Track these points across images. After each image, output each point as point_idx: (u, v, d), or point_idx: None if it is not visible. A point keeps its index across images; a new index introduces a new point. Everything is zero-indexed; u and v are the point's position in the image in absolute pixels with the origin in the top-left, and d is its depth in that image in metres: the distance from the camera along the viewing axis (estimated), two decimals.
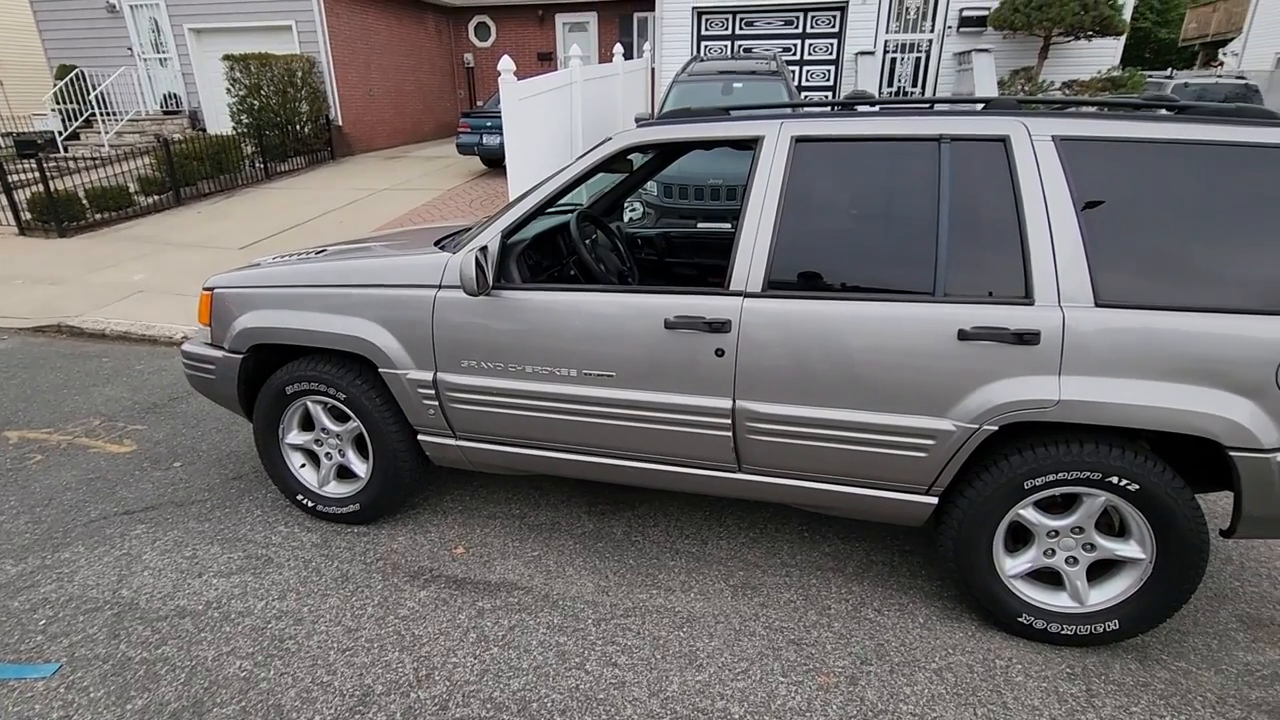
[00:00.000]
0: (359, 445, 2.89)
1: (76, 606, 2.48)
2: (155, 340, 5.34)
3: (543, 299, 2.45)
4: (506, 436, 2.64)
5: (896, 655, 2.28)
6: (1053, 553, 2.26)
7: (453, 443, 2.72)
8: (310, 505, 2.96)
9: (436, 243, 2.87)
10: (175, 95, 13.50)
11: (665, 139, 2.49)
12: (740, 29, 12.77)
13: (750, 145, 2.36)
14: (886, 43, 12.04)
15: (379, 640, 2.33)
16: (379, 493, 2.84)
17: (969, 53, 11.18)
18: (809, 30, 12.54)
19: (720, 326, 2.24)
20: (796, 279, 2.24)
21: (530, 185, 2.68)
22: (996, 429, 2.08)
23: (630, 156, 2.70)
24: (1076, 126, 2.08)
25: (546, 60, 16.83)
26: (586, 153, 2.57)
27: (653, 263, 3.71)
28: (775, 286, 2.23)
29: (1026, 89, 10.74)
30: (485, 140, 10.67)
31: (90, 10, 13.11)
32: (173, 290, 6.31)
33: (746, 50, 12.55)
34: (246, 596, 2.53)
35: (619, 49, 11.00)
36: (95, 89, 12.51)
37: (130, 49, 13.22)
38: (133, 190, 9.24)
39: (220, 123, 12.45)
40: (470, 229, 2.85)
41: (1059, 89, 10.70)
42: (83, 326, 5.53)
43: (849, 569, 2.71)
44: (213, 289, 2.91)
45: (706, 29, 12.85)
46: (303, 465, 2.98)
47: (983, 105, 2.26)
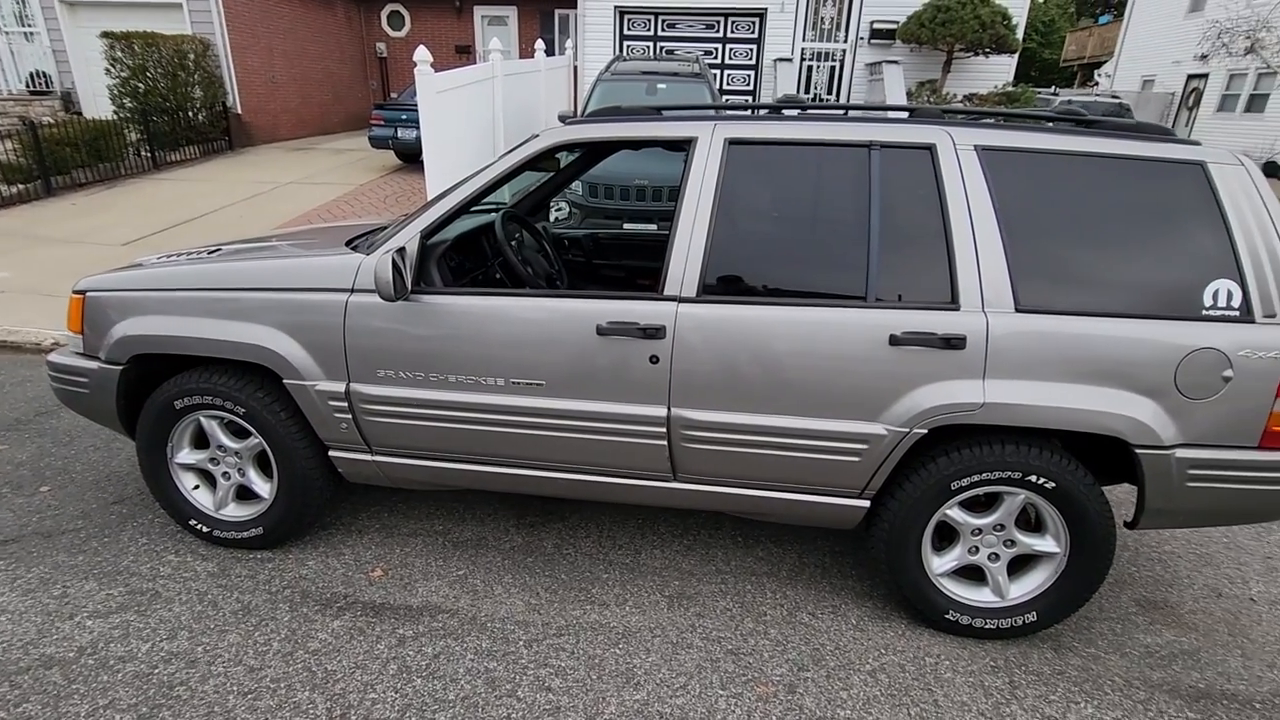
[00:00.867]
0: (261, 463, 2.64)
1: None
2: (20, 347, 4.75)
3: (466, 304, 2.30)
4: (428, 450, 2.47)
5: (832, 659, 2.28)
6: (976, 550, 2.33)
7: (368, 458, 2.52)
8: (205, 531, 2.68)
9: (348, 243, 2.66)
10: (45, 74, 12.18)
11: (595, 137, 2.41)
12: (663, 30, 12.82)
13: (683, 146, 2.30)
14: (804, 50, 12.41)
15: (286, 679, 2.12)
16: (285, 514, 2.60)
17: (880, 63, 11.68)
18: (730, 35, 12.75)
19: (654, 332, 2.17)
20: (731, 283, 2.21)
21: (449, 182, 2.52)
22: (926, 432, 2.12)
23: (557, 155, 2.59)
24: (997, 137, 2.14)
25: (465, 53, 16.34)
26: (512, 150, 2.44)
27: (580, 265, 3.61)
28: (710, 291, 2.19)
29: (932, 100, 11.33)
30: (400, 134, 10.21)
31: None
32: (41, 290, 5.65)
33: (669, 52, 12.62)
34: (129, 639, 2.25)
35: (540, 45, 10.80)
36: None
37: None
38: None
39: (99, 106, 11.31)
40: (386, 228, 2.65)
41: (961, 101, 11.35)
42: None
43: (783, 573, 2.71)
44: (85, 292, 2.58)
45: (629, 28, 12.83)
46: (196, 487, 2.69)
47: (909, 113, 2.29)
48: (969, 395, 2.07)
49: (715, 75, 12.56)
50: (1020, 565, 2.35)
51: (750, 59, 12.81)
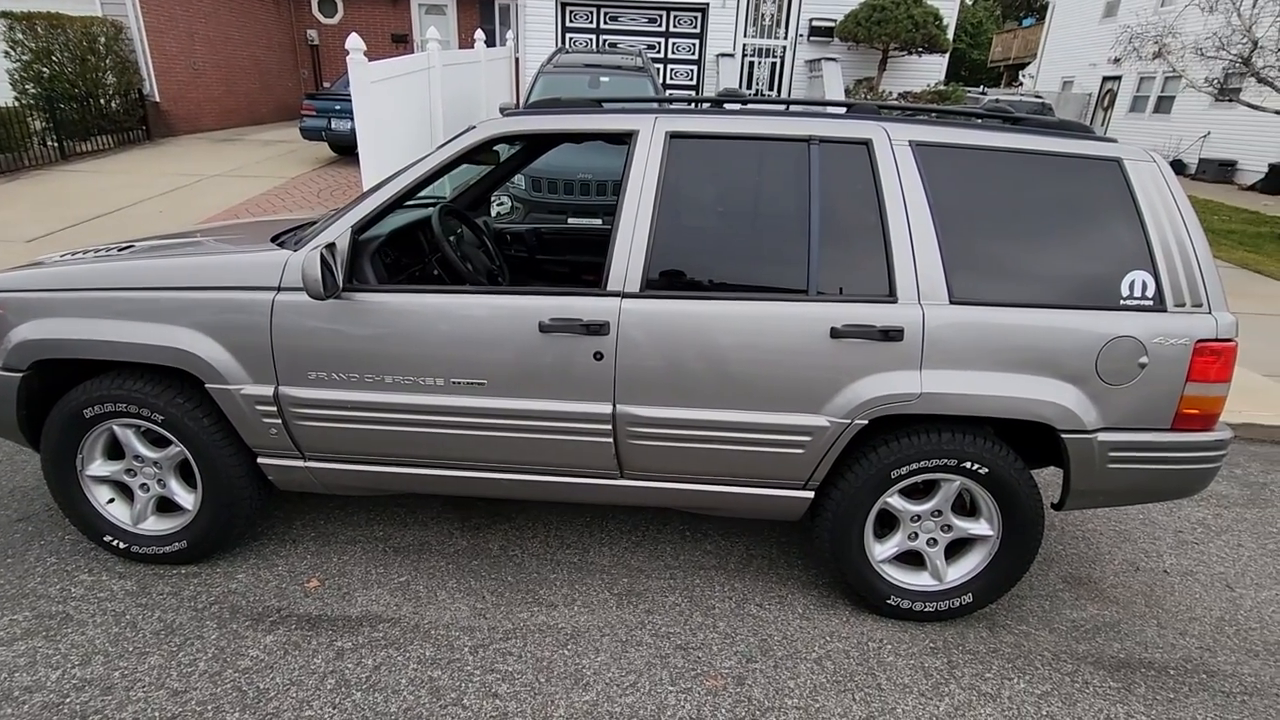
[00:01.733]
0: (184, 473, 2.48)
1: None
2: None
3: (403, 301, 2.22)
4: (365, 454, 2.37)
5: (779, 649, 2.31)
6: (916, 536, 2.39)
7: (301, 464, 2.41)
8: (123, 547, 2.50)
9: (274, 238, 2.53)
10: None
11: (535, 129, 2.35)
12: (605, 23, 12.73)
13: (624, 140, 2.27)
14: (745, 46, 12.53)
15: (214, 701, 2.00)
16: (211, 526, 2.46)
17: (819, 60, 11.91)
18: (672, 29, 12.76)
19: (598, 329, 2.14)
20: (675, 278, 2.20)
21: (386, 175, 2.42)
22: (867, 423, 2.16)
23: (496, 148, 2.52)
24: (930, 133, 2.20)
25: (402, 43, 15.84)
26: (449, 141, 2.36)
27: (523, 260, 3.54)
28: (654, 286, 2.17)
29: (868, 97, 11.63)
30: (334, 125, 9.83)
31: None
32: None
33: (612, 45, 12.55)
34: (36, 666, 2.08)
35: (480, 36, 10.55)
36: None
37: None
38: None
39: None
40: (315, 223, 2.53)
41: (896, 98, 11.69)
42: None
43: (730, 565, 2.72)
44: None
45: (571, 20, 12.68)
46: (110, 500, 2.52)
47: (846, 109, 2.33)
48: (907, 386, 2.12)
49: (658, 70, 12.56)
50: (956, 549, 2.43)
51: (693, 54, 12.86)
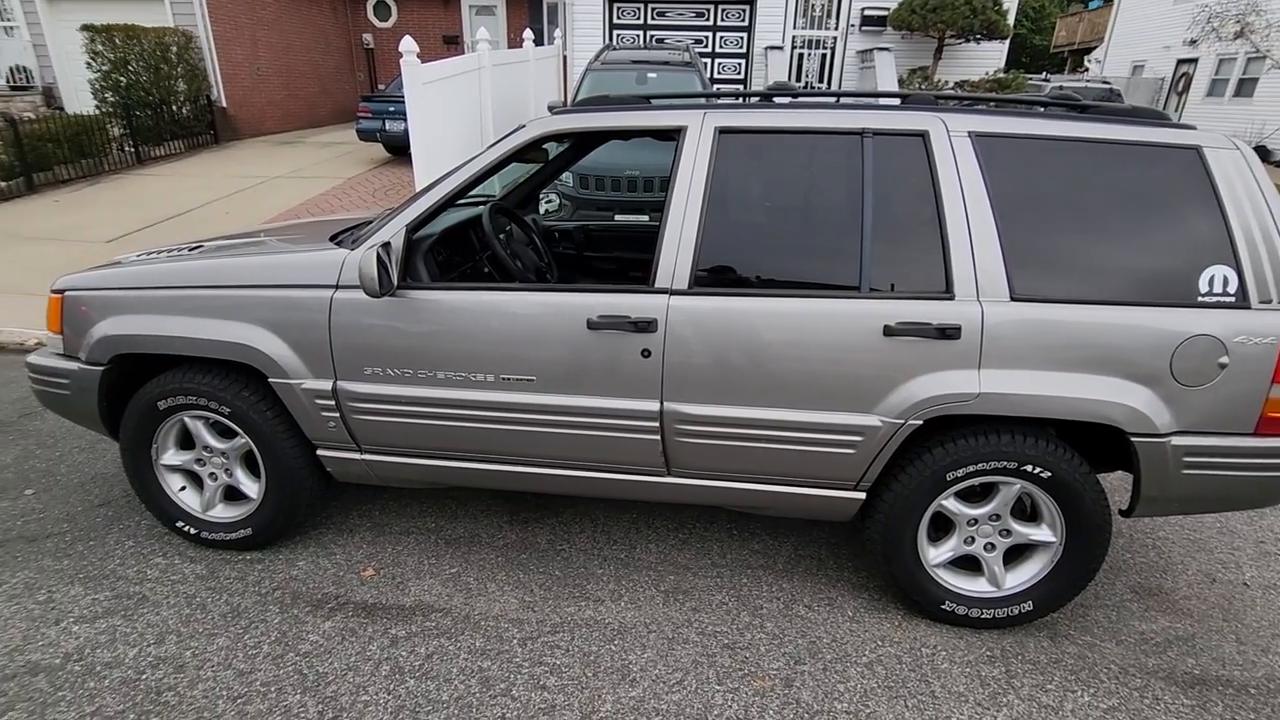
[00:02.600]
0: (249, 463, 2.60)
1: None
2: (1, 348, 4.67)
3: (454, 299, 2.26)
4: (418, 448, 2.44)
5: (829, 652, 2.27)
6: (972, 540, 2.31)
7: (357, 457, 2.48)
8: (193, 532, 2.64)
9: (333, 238, 2.61)
10: (25, 69, 11.98)
11: (583, 127, 2.36)
12: (652, 19, 12.71)
13: (672, 136, 2.26)
14: (794, 38, 12.32)
15: (277, 683, 2.09)
16: (273, 515, 2.56)
17: (871, 51, 11.62)
18: (720, 23, 12.64)
19: (646, 326, 2.14)
20: (723, 275, 2.18)
21: (438, 174, 2.47)
22: (921, 423, 2.09)
23: (545, 146, 2.54)
24: (990, 123, 2.11)
25: (453, 44, 16.15)
26: (499, 140, 2.39)
27: (571, 257, 3.56)
28: (702, 283, 2.15)
29: (924, 87, 11.29)
30: (388, 126, 10.09)
31: None
32: (23, 289, 5.56)
33: (659, 40, 12.52)
34: (115, 644, 2.21)
35: (529, 35, 10.68)
36: None
37: None
38: None
39: (81, 101, 11.13)
40: (371, 222, 2.61)
41: (952, 88, 11.31)
42: None
43: (779, 565, 2.69)
44: (64, 291, 2.52)
45: (618, 17, 12.70)
46: (182, 488, 2.65)
47: (901, 100, 2.26)
48: (964, 385, 2.04)
49: (706, 64, 12.47)
50: (1016, 554, 2.34)
51: (741, 47, 12.72)
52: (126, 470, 2.60)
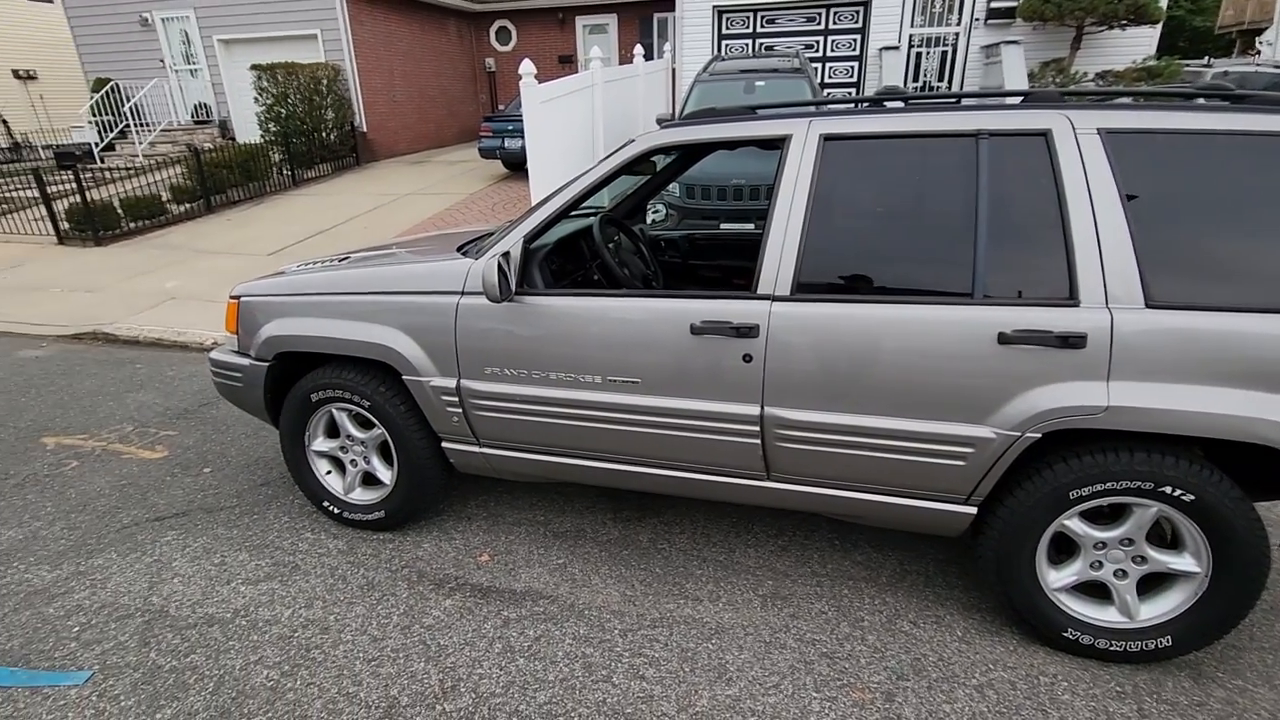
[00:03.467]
0: (384, 452, 2.88)
1: (109, 614, 2.51)
2: (186, 346, 5.42)
3: (566, 304, 2.41)
4: (530, 444, 2.60)
5: (934, 670, 2.20)
6: (1100, 565, 2.15)
7: (477, 450, 2.69)
8: (336, 512, 2.96)
9: (459, 248, 2.85)
10: (205, 105, 13.78)
11: (690, 140, 2.44)
12: (761, 27, 12.65)
13: (777, 145, 2.29)
14: (911, 37, 11.83)
15: (404, 650, 2.31)
16: (404, 500, 2.83)
17: (997, 45, 10.92)
18: (831, 26, 12.37)
19: (748, 331, 2.18)
20: (827, 282, 2.18)
21: (552, 188, 2.64)
22: (1040, 436, 1.99)
23: (653, 158, 2.65)
24: (1124, 118, 1.98)
25: (567, 63, 16.85)
26: (609, 155, 2.52)
27: (677, 265, 3.65)
28: (804, 289, 2.16)
29: (1058, 81, 10.46)
30: (507, 144, 10.70)
31: (124, 24, 13.44)
32: (203, 297, 6.42)
33: (768, 48, 12.43)
34: (274, 604, 2.54)
35: (639, 50, 10.97)
36: (129, 100, 12.85)
37: (162, 61, 13.53)
38: (165, 199, 9.45)
39: (249, 131, 12.67)
40: (493, 234, 2.82)
41: (1093, 80, 10.41)
42: (117, 333, 5.64)
43: (882, 579, 2.63)
44: (239, 297, 2.92)
45: (727, 28, 12.75)
46: (328, 472, 2.98)
47: (1022, 98, 2.17)
48: (1091, 398, 1.92)
49: (817, 69, 12.24)
50: (1153, 584, 2.16)
51: (854, 50, 12.38)
52: (284, 454, 2.97)
